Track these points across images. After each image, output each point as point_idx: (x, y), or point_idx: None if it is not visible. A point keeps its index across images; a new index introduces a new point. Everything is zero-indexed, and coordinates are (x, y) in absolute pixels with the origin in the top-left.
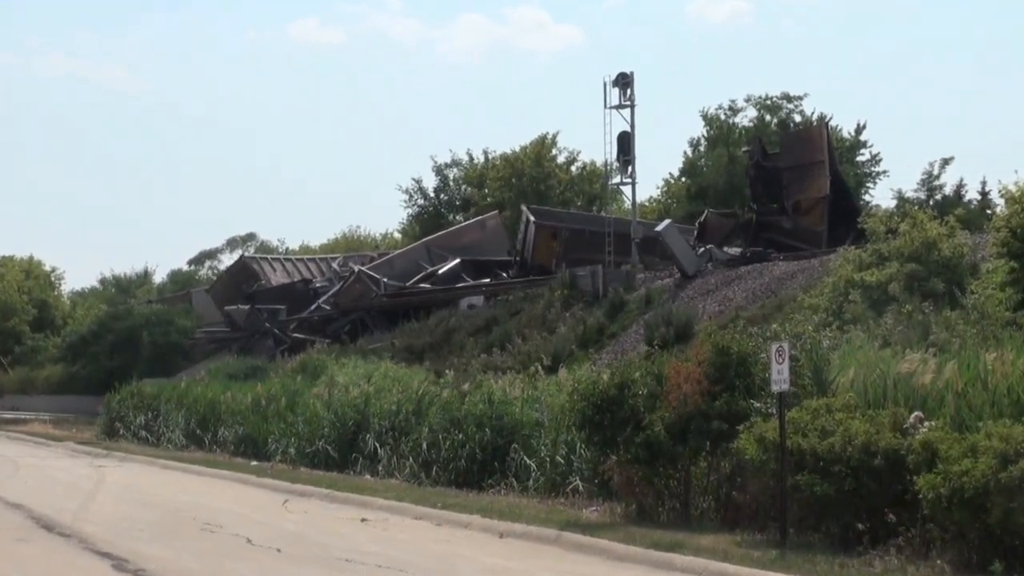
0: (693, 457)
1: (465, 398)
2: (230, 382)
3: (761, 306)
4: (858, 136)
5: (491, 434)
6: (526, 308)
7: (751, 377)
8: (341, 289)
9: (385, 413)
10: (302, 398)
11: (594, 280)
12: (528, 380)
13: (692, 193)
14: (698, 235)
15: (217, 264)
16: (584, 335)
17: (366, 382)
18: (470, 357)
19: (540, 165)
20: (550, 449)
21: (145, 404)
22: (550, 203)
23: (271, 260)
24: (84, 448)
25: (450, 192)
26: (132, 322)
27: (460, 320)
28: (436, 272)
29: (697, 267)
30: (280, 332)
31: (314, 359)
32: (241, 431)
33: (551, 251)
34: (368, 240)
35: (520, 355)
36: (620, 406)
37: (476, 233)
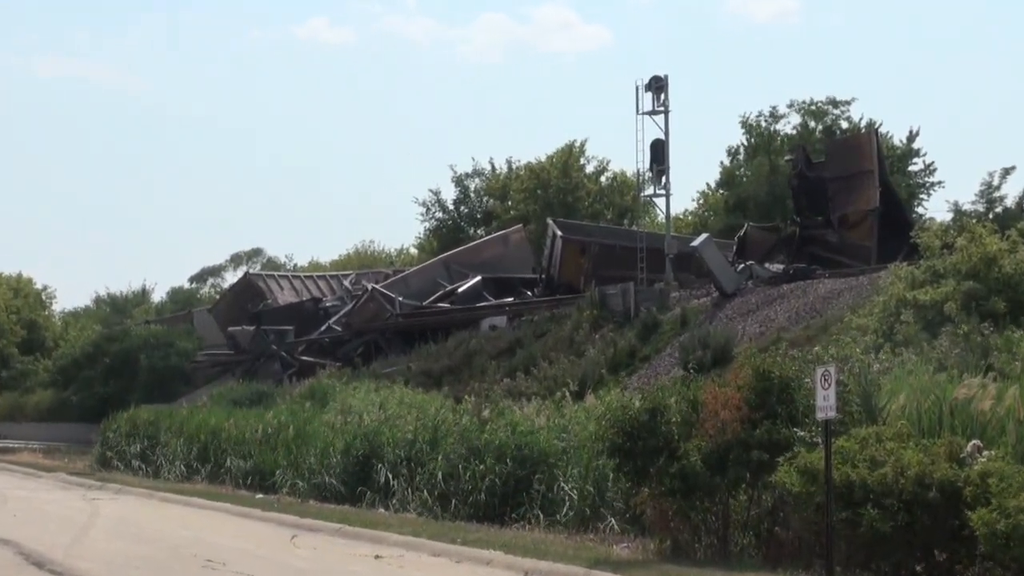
0: (732, 489)
1: (486, 426)
2: (234, 408)
3: (805, 327)
4: (910, 144)
5: (513, 464)
6: (552, 329)
7: (794, 404)
8: (353, 309)
9: (399, 442)
10: (311, 426)
11: (625, 299)
12: (554, 407)
13: (731, 205)
14: (737, 251)
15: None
16: (614, 358)
17: (379, 409)
18: (492, 382)
19: (567, 175)
20: (578, 480)
21: (142, 432)
22: (578, 216)
23: (278, 277)
24: (77, 479)
25: (471, 204)
26: (129, 344)
27: (481, 342)
28: (455, 290)
29: (736, 285)
30: (287, 355)
31: (324, 384)
32: (246, 461)
33: (579, 268)
34: (382, 256)
35: (546, 380)
36: (652, 434)
37: (498, 248)
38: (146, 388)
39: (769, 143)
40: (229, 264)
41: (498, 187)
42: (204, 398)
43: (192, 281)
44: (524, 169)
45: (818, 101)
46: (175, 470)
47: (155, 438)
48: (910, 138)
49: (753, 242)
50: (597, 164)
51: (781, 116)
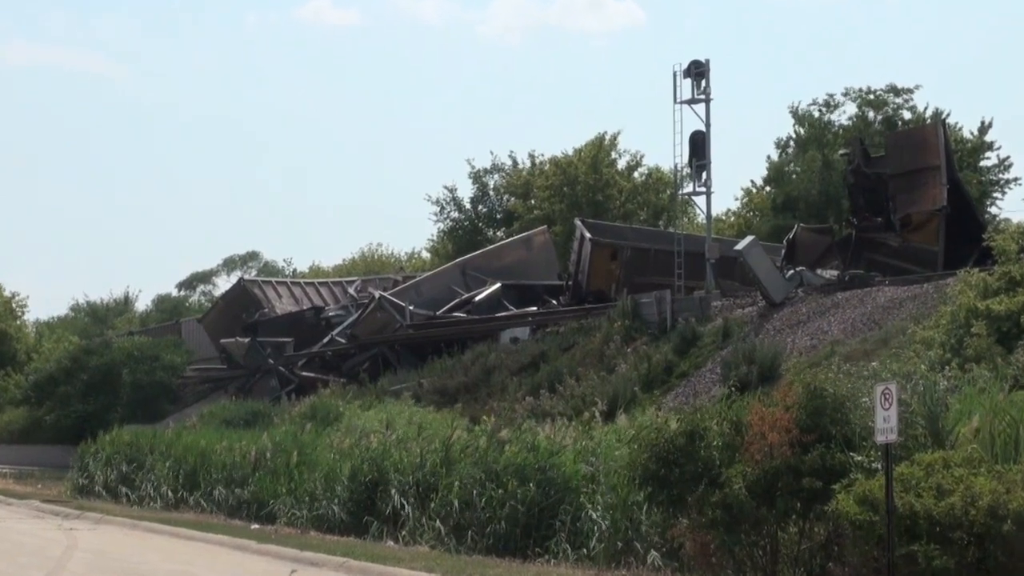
0: (781, 521)
1: (504, 447)
2: (227, 429)
3: (863, 340)
4: (982, 136)
5: (537, 490)
6: (580, 342)
7: (850, 425)
8: (359, 319)
9: (410, 466)
10: (313, 449)
11: (661, 308)
12: (582, 428)
13: (779, 205)
14: (786, 255)
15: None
16: (648, 374)
17: (388, 430)
18: (513, 400)
19: (597, 171)
20: (608, 510)
21: (125, 455)
22: (609, 216)
23: (276, 284)
24: (52, 507)
25: (490, 203)
26: (110, 358)
27: (501, 356)
28: (472, 299)
29: (785, 293)
30: (286, 370)
31: (326, 402)
32: (240, 488)
33: (610, 274)
34: (391, 261)
35: (573, 398)
36: (691, 459)
37: (520, 252)
38: (129, 406)
39: (822, 135)
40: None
41: (520, 184)
42: (193, 417)
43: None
44: (549, 164)
45: (877, 89)
46: (161, 497)
47: (139, 462)
48: (982, 130)
49: (804, 245)
50: (630, 159)
51: (836, 105)
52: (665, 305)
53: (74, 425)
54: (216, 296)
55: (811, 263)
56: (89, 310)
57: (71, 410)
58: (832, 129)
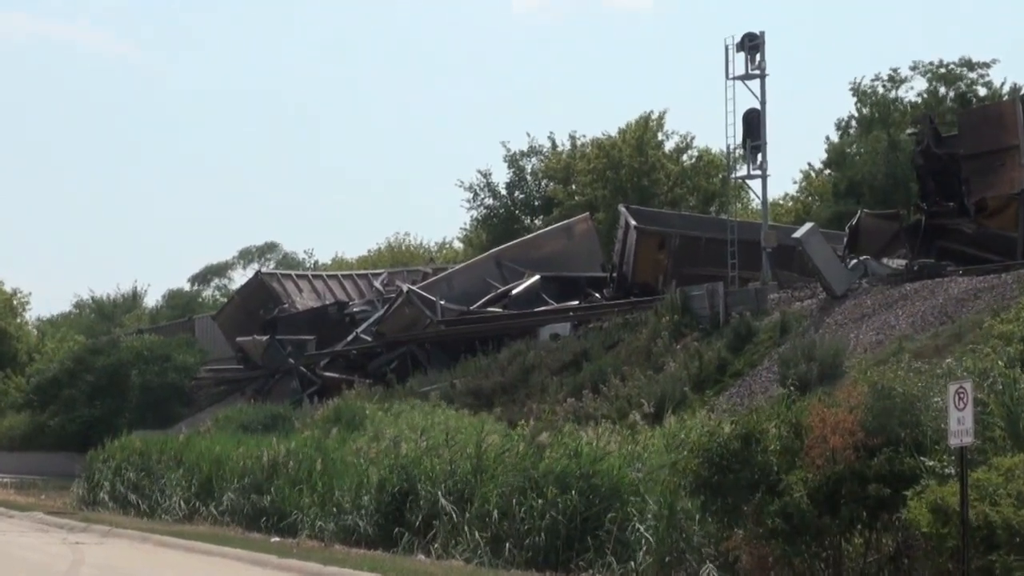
0: (845, 531)
1: (544, 452)
2: (244, 435)
3: (934, 335)
4: None
5: (580, 499)
6: (625, 338)
7: (921, 427)
8: (386, 315)
9: (441, 474)
10: (337, 455)
11: (713, 302)
12: (627, 431)
13: (841, 189)
14: (849, 243)
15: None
16: (700, 373)
17: (421, 435)
18: (553, 402)
19: (643, 154)
20: (657, 519)
21: (135, 463)
22: (656, 203)
23: (296, 278)
24: (57, 519)
25: (527, 189)
26: (117, 358)
27: (540, 354)
28: (509, 292)
29: (848, 284)
30: (308, 370)
31: (351, 405)
32: (259, 498)
33: (657, 265)
34: (420, 252)
35: (618, 400)
36: (747, 465)
37: (560, 241)
38: (138, 410)
39: (887, 114)
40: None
41: (560, 168)
42: (208, 422)
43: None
44: (591, 146)
45: (949, 63)
46: (174, 508)
47: (150, 470)
48: None
49: (868, 233)
50: (678, 140)
51: (903, 81)
52: (717, 298)
53: (79, 431)
54: (232, 291)
55: (876, 252)
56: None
57: (76, 415)
58: (898, 107)
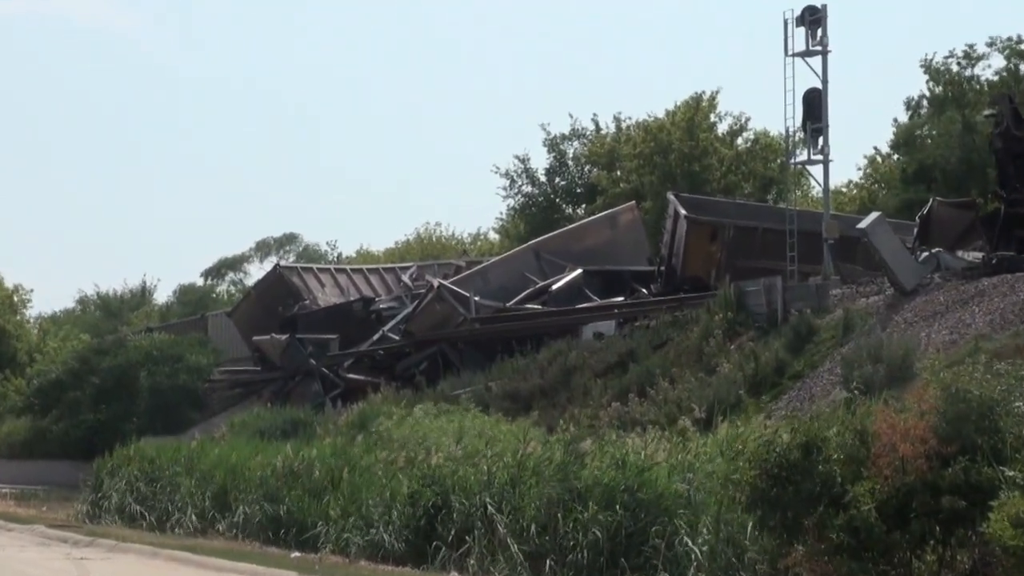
0: (916, 547)
1: (585, 461)
2: (261, 441)
3: (1014, 334)
4: None
5: (625, 513)
6: (675, 338)
7: (1000, 434)
8: (415, 312)
9: (476, 485)
10: (363, 464)
11: (770, 298)
12: (677, 439)
13: (910, 175)
14: (919, 234)
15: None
16: (756, 376)
17: (457, 444)
18: (597, 406)
19: (693, 137)
20: (709, 534)
21: (144, 472)
22: (708, 190)
23: (318, 272)
24: (59, 533)
25: (568, 175)
26: (124, 358)
27: (583, 355)
28: (549, 287)
29: (918, 279)
30: (330, 372)
31: (378, 410)
32: (277, 510)
33: (709, 257)
34: (452, 243)
35: (666, 404)
36: (808, 476)
37: (604, 232)
38: (148, 415)
39: (962, 93)
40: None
41: (604, 153)
42: (222, 428)
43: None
44: (637, 129)
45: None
46: (186, 521)
47: (160, 479)
48: None
49: (941, 223)
50: (732, 122)
51: (978, 58)
52: (775, 294)
53: (84, 437)
54: (248, 286)
55: (950, 243)
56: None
57: (80, 420)
58: (974, 86)
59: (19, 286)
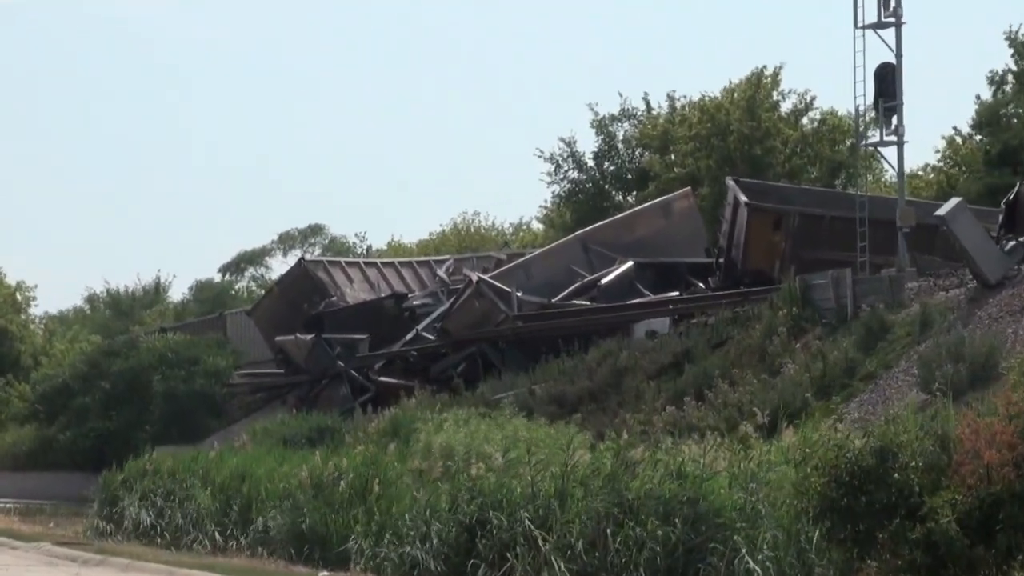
0: (1003, 563)
1: (637, 471)
2: (286, 451)
3: None
4: None
5: (683, 527)
6: (735, 336)
7: None
8: (452, 309)
9: (520, 498)
10: (396, 475)
11: (839, 292)
12: (738, 446)
13: (993, 157)
14: (1005, 222)
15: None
16: (823, 377)
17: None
18: (650, 411)
19: (754, 117)
20: (774, 550)
21: (159, 485)
22: (771, 175)
23: (345, 266)
24: (67, 551)
25: (618, 159)
26: (137, 361)
27: (635, 355)
28: (597, 282)
29: (1003, 271)
30: (360, 375)
31: (412, 415)
32: (303, 525)
33: (772, 248)
34: (492, 234)
35: (726, 408)
36: (882, 485)
37: (658, 221)
38: (162, 423)
39: None
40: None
41: (657, 135)
42: (243, 436)
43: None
44: (693, 108)
45: None
46: (204, 537)
47: (176, 493)
48: None
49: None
50: (796, 100)
51: None
52: (844, 287)
53: (93, 447)
54: (270, 281)
55: None
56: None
57: (89, 428)
58: None
59: (22, 283)
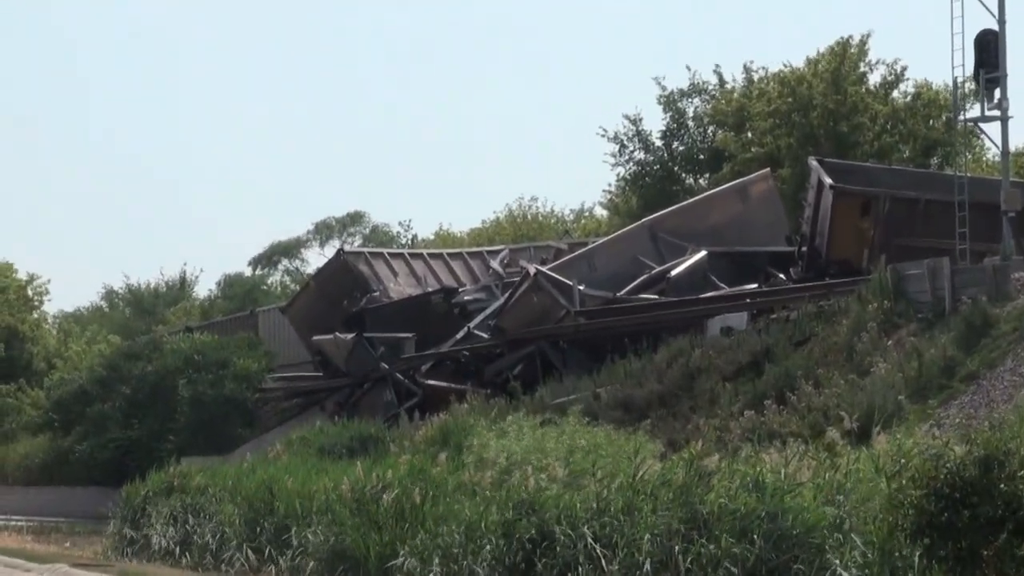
0: None
1: (711, 482)
2: (325, 461)
3: None
4: None
5: (763, 544)
6: (819, 332)
7: None
8: (507, 304)
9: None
10: (446, 488)
11: (936, 283)
12: (824, 454)
13: None
14: None
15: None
16: (919, 377)
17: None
18: (726, 416)
19: (840, 91)
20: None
21: (186, 501)
22: (858, 154)
23: (389, 257)
24: (85, 574)
25: (688, 139)
26: (161, 364)
27: (708, 354)
28: (667, 274)
29: None
30: (406, 378)
31: (463, 423)
32: (345, 543)
33: (860, 235)
34: (551, 222)
35: (810, 413)
36: (987, 497)
37: (733, 207)
38: (189, 432)
39: None
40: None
41: (731, 111)
42: (277, 446)
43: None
44: (771, 82)
45: None
46: (236, 556)
47: (204, 508)
48: None
49: None
50: (887, 71)
51: None
52: (942, 278)
53: (112, 459)
54: (306, 275)
55: None
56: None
57: (108, 439)
58: None
59: (34, 276)
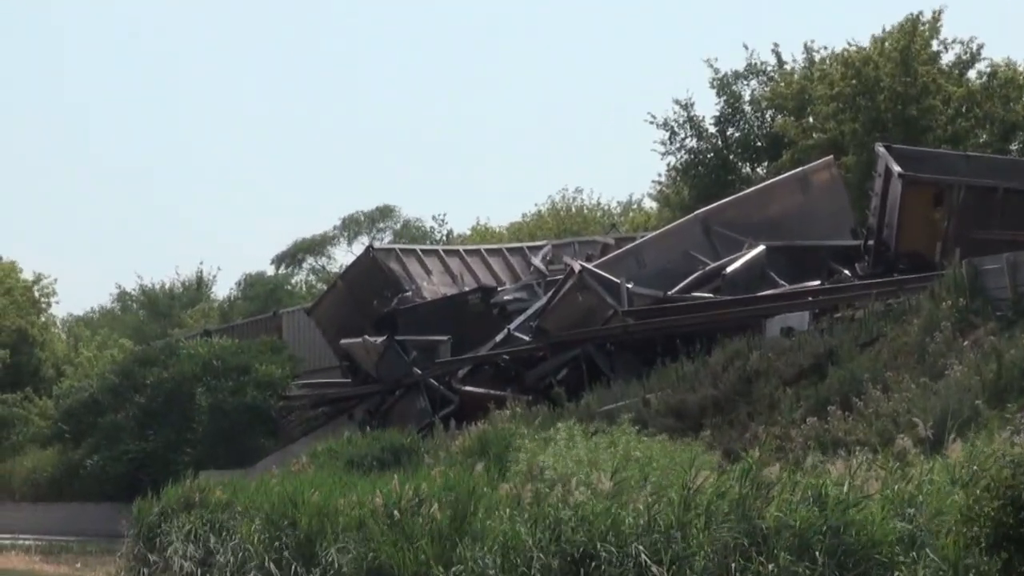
0: None
1: (771, 494)
2: (353, 474)
3: None
4: None
5: (826, 561)
6: (888, 332)
7: None
8: (550, 304)
9: (632, 529)
10: (486, 503)
11: (1016, 279)
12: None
13: None
14: None
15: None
16: (998, 380)
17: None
18: (787, 424)
19: (909, 71)
20: None
21: (205, 517)
22: (930, 140)
23: (422, 254)
24: None
25: (744, 125)
26: (178, 370)
27: (767, 357)
28: (722, 270)
29: None
30: (441, 384)
31: (503, 431)
32: (376, 560)
33: (933, 227)
34: (595, 216)
35: (879, 419)
36: None
37: (793, 197)
38: (208, 443)
39: None
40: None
41: (791, 94)
42: (303, 458)
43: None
44: (834, 63)
45: None
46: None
47: (225, 525)
48: None
49: None
50: (961, 51)
51: None
52: (1023, 273)
53: (126, 473)
54: (333, 274)
55: None
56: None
57: (121, 451)
58: None
59: (40, 277)
